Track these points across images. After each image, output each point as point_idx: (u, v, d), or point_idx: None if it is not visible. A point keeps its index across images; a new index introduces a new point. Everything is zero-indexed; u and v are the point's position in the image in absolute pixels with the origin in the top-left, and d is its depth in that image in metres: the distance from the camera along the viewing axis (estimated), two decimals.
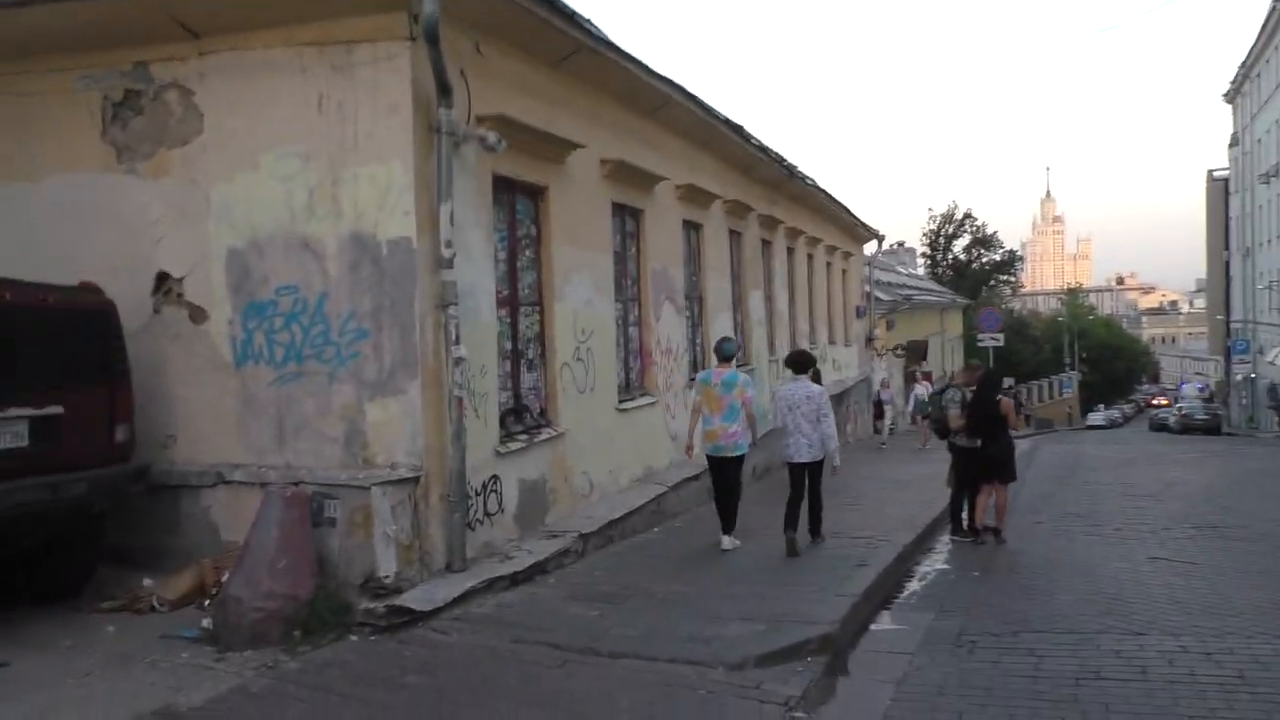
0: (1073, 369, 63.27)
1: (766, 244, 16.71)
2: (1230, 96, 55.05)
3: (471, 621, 6.38)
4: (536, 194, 8.78)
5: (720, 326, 13.65)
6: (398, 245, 6.88)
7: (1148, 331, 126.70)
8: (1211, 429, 40.91)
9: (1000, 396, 9.73)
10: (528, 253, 8.72)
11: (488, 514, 7.62)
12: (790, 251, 18.52)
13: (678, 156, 12.13)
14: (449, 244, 7.00)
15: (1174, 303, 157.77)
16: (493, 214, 7.95)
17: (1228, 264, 56.42)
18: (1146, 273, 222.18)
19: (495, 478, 7.73)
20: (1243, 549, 9.23)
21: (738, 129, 13.57)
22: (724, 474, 8.89)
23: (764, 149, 14.99)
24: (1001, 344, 28.39)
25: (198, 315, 7.46)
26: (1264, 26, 44.44)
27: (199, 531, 7.24)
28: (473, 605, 6.68)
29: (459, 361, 7.03)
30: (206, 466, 7.33)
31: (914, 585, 8.20)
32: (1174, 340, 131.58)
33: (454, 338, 7.03)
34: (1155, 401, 77.80)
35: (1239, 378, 45.99)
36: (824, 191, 19.69)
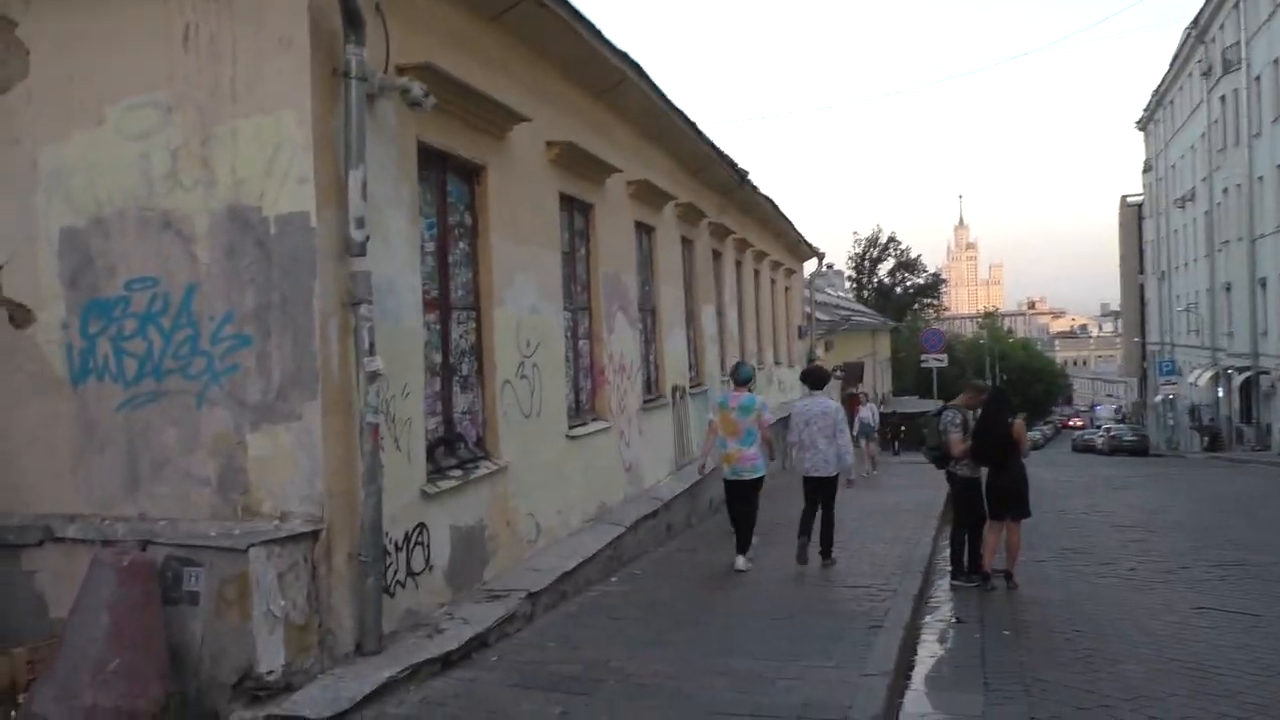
0: None
1: (717, 255, 15.34)
2: (1143, 124, 56.22)
3: None
4: (472, 174, 7.15)
5: (674, 342, 12.19)
6: (290, 223, 5.19)
7: (1060, 354, 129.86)
8: (1139, 450, 40.92)
9: (1013, 419, 8.42)
10: (461, 245, 7.07)
11: (412, 574, 5.92)
12: (738, 265, 17.20)
13: (629, 148, 10.63)
14: (360, 223, 5.33)
15: (1084, 326, 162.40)
16: (418, 192, 6.29)
17: (1142, 287, 57.43)
18: (1054, 297, 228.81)
19: (421, 526, 6.04)
20: None
21: (692, 124, 12.16)
22: (741, 497, 8.77)
23: (717, 149, 13.63)
24: (945, 364, 27.55)
25: (21, 316, 5.64)
26: (1176, 55, 45.29)
27: (17, 607, 5.39)
28: (391, 703, 4.98)
29: (374, 377, 5.35)
30: (30, 519, 5.50)
31: (934, 647, 6.78)
32: (1085, 363, 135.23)
33: (367, 346, 5.35)
34: (1072, 423, 79.23)
35: (1159, 399, 46.39)
36: (772, 203, 18.48)
